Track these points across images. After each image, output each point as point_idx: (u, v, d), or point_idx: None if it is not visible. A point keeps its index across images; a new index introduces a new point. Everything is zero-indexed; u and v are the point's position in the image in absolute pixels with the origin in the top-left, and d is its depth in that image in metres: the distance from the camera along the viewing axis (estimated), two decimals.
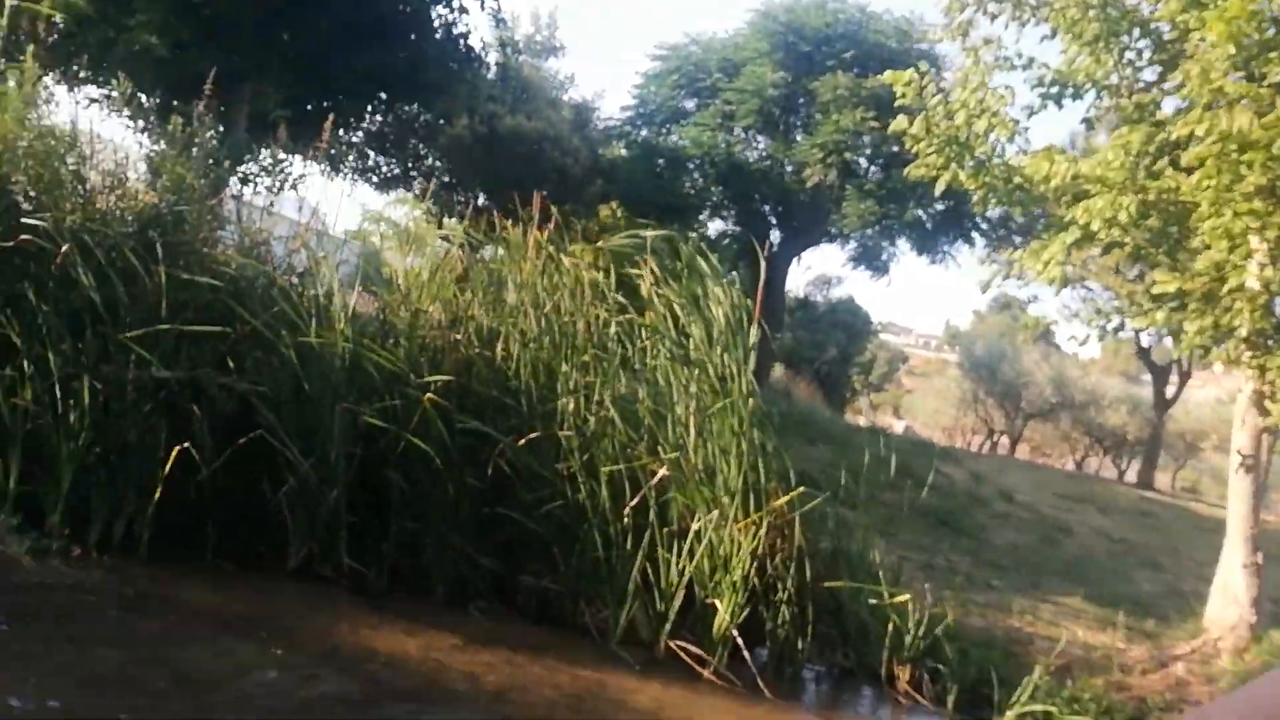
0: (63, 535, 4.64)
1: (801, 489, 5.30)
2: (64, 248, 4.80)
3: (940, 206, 18.98)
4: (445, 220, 17.59)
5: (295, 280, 5.87)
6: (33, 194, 5.42)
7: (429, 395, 5.17)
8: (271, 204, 6.92)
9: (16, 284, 4.84)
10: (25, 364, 4.73)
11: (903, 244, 21.27)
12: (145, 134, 7.67)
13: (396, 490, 5.35)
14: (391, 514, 5.36)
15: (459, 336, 5.82)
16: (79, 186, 5.54)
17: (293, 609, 4.69)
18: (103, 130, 6.27)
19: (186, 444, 4.83)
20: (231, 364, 5.22)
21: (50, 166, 5.45)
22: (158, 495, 4.84)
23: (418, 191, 18.89)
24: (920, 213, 19.09)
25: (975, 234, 20.87)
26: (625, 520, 5.10)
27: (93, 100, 11.82)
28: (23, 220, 4.93)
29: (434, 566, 5.35)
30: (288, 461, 5.11)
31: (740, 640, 4.90)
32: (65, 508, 4.75)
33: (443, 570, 5.33)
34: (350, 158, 18.03)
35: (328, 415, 5.21)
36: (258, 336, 5.24)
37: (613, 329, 5.85)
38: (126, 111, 9.49)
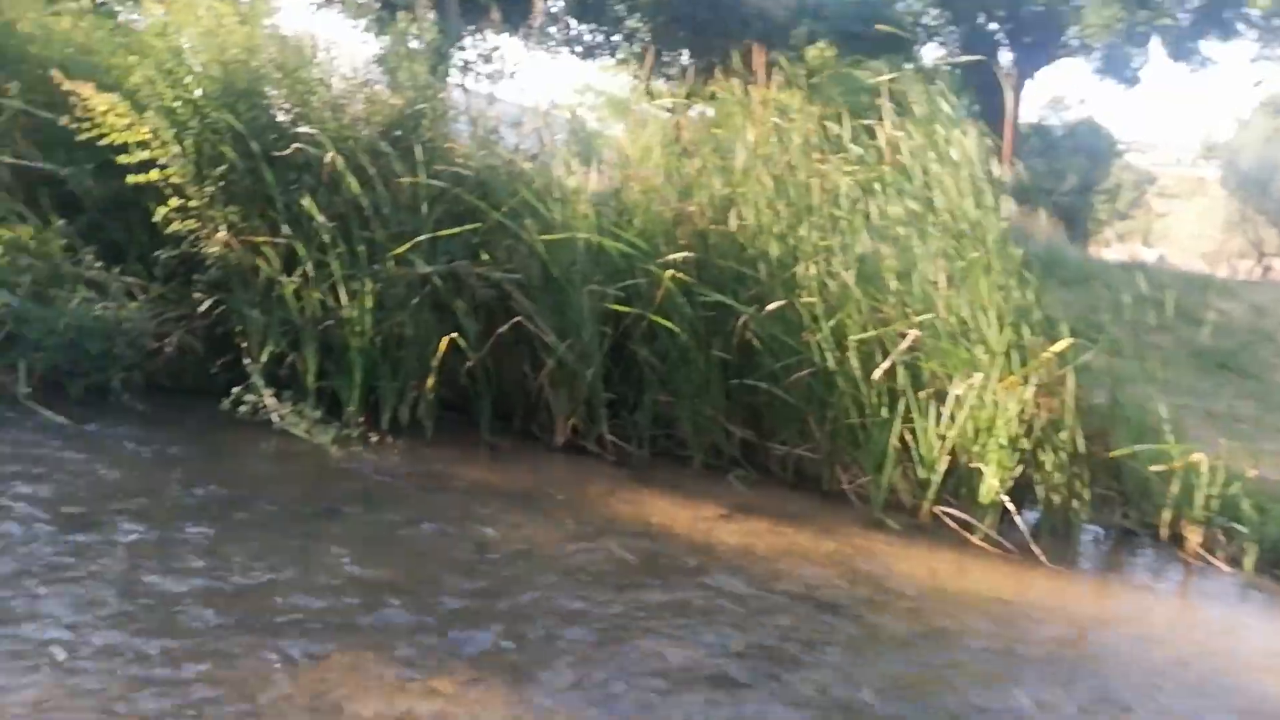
0: (358, 424, 5.10)
1: (1070, 340, 4.95)
2: (328, 155, 5.11)
3: (1197, 2, 16.80)
4: (653, 84, 17.32)
5: (530, 165, 5.96)
6: (287, 106, 5.76)
7: (670, 272, 5.18)
8: (493, 94, 7.02)
9: (292, 194, 5.22)
10: (309, 269, 5.16)
11: (1155, 50, 19.00)
12: (369, 33, 7.94)
13: (647, 366, 5.48)
14: (645, 388, 5.52)
15: (692, 208, 5.75)
16: (326, 94, 5.82)
17: (566, 482, 4.97)
18: (328, 33, 6.51)
19: (454, 334, 5.15)
20: (485, 254, 5.46)
21: (297, 76, 5.74)
22: (433, 382, 5.23)
23: (621, 57, 18.68)
24: (1176, 13, 16.98)
25: (1241, 28, 18.29)
26: (877, 386, 4.97)
27: (319, 5, 12.36)
28: (297, 131, 5.27)
29: (690, 437, 5.49)
30: (545, 344, 5.34)
31: (1009, 504, 4.73)
32: (360, 397, 5.24)
33: (698, 441, 5.47)
34: (553, 29, 18.00)
35: (576, 297, 5.37)
36: (505, 226, 5.42)
37: (844, 186, 5.57)
38: (350, 11, 9.85)
